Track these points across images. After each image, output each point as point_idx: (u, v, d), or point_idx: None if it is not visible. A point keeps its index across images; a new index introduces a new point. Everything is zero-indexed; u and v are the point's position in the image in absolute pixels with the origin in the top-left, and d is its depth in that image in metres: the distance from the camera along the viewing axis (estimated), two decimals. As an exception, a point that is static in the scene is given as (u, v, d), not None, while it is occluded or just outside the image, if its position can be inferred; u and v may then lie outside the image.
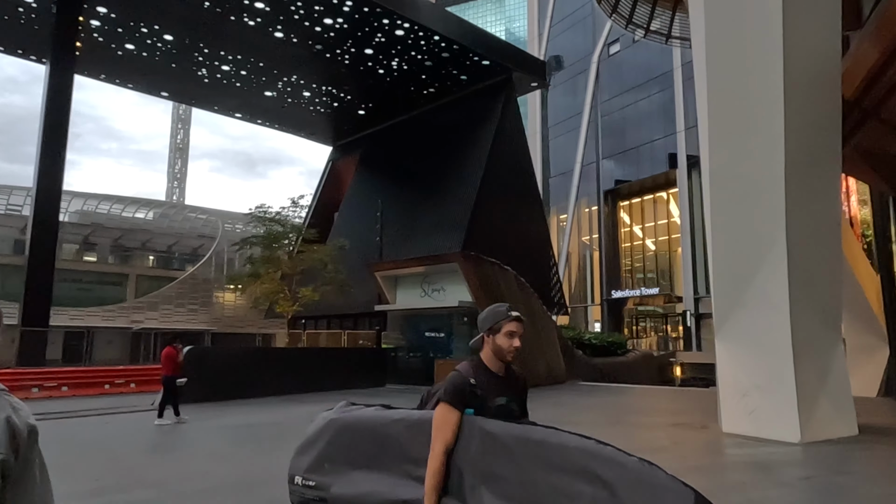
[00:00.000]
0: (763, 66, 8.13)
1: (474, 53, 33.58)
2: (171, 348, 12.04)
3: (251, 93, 39.05)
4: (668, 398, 16.34)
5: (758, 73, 8.24)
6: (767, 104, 8.12)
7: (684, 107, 40.20)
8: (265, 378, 16.42)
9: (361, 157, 43.68)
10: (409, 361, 18.83)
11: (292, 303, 21.24)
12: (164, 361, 11.96)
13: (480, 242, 30.78)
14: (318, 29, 31.64)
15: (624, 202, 46.65)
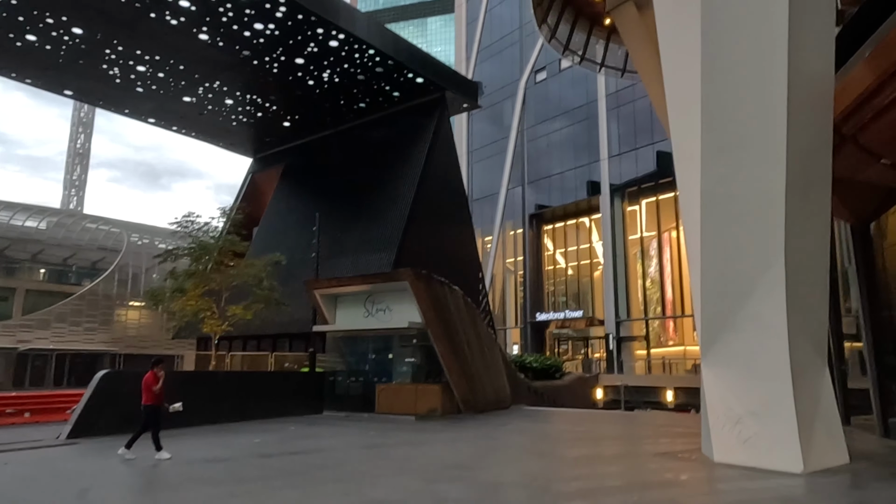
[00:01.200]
0: (765, 85, 7.97)
1: (409, 70, 33.10)
2: (151, 374, 10.52)
3: (168, 97, 36.57)
4: (623, 423, 16.13)
5: (759, 92, 8.08)
6: (768, 123, 7.97)
7: (608, 136, 41.54)
8: (193, 406, 14.69)
9: (285, 171, 41.95)
10: (350, 386, 17.64)
11: (221, 322, 19.48)
12: (143, 388, 10.47)
13: (412, 262, 30.00)
14: (247, 34, 30.07)
15: (548, 226, 47.44)
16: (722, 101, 8.61)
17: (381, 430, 13.20)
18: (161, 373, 10.51)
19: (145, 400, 10.39)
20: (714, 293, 9.01)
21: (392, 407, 16.66)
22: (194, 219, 20.25)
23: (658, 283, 39.62)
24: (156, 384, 10.39)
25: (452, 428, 13.99)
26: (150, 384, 10.38)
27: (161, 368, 10.58)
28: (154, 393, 10.38)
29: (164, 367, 10.72)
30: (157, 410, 10.45)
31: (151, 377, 10.43)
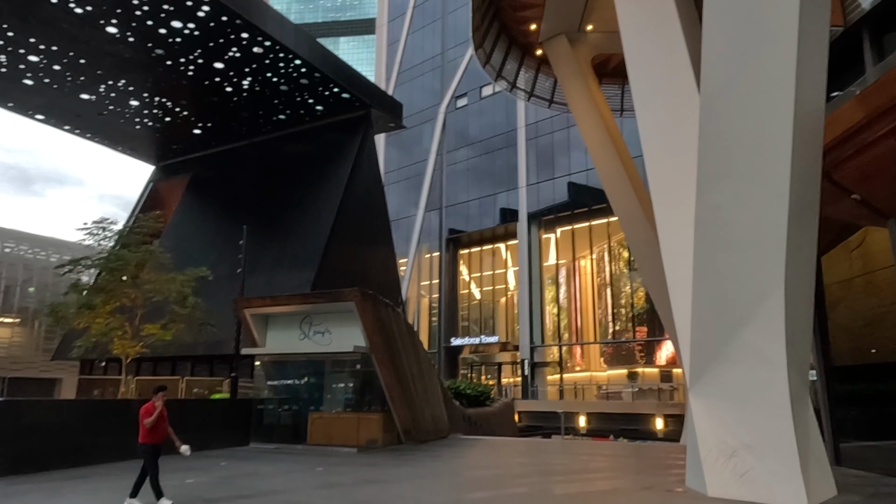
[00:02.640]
0: (771, 116, 7.99)
1: (335, 84, 32.08)
2: (150, 404, 8.65)
3: (63, 93, 33.23)
4: (570, 453, 15.84)
5: (764, 122, 8.08)
6: (772, 153, 7.97)
7: (526, 164, 42.36)
8: (100, 440, 12.83)
9: (192, 181, 39.27)
10: (281, 415, 16.18)
11: (135, 342, 17.27)
12: (140, 422, 8.65)
13: (332, 281, 28.77)
14: (162, 31, 27.96)
15: (464, 251, 47.49)
16: (722, 130, 8.54)
17: (327, 466, 12.02)
18: (159, 403, 8.66)
19: (140, 437, 8.62)
20: (705, 322, 8.86)
21: (326, 437, 15.43)
22: (107, 226, 18.07)
23: (569, 309, 40.56)
24: (148, 417, 8.53)
25: (405, 461, 13.07)
26: (143, 417, 8.58)
27: (161, 398, 8.75)
28: (146, 428, 8.57)
29: (164, 396, 8.87)
30: (154, 451, 8.62)
31: (149, 409, 8.63)
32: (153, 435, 8.62)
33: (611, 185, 26.23)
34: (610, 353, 39.90)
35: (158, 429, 8.69)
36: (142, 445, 8.60)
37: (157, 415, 8.59)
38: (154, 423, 8.57)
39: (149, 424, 8.54)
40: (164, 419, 8.73)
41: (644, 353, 38.68)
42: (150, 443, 8.61)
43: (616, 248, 39.46)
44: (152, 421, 8.56)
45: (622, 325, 38.97)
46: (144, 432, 8.58)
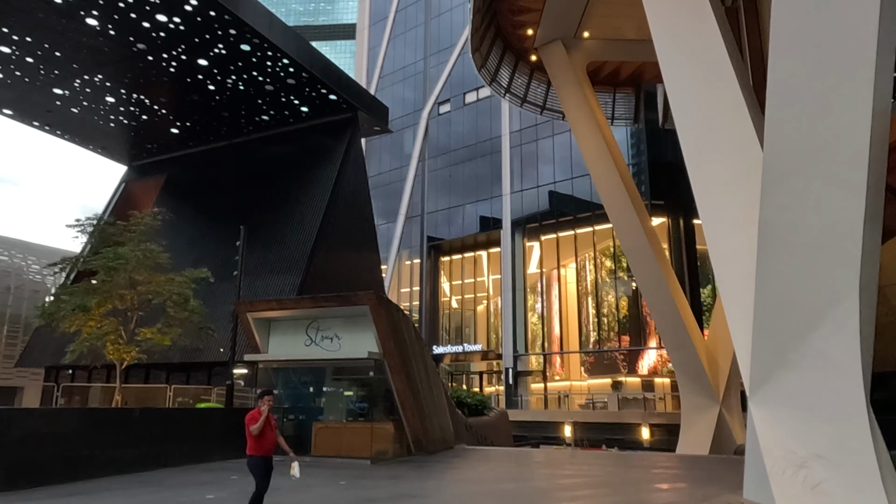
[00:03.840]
0: (850, 114, 7.72)
1: (323, 85, 31.30)
2: (255, 410, 7.57)
3: (34, 87, 31.66)
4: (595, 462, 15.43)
5: (842, 120, 7.81)
6: (850, 152, 7.72)
7: (510, 171, 42.18)
8: (96, 451, 11.87)
9: (167, 182, 37.85)
10: (283, 425, 15.35)
11: (130, 347, 16.14)
12: (246, 431, 7.54)
13: (318, 286, 27.94)
14: (146, 25, 26.83)
15: (445, 258, 47.00)
16: (791, 128, 8.25)
17: (348, 479, 11.33)
18: (265, 408, 7.51)
19: (248, 448, 7.55)
20: (768, 328, 8.53)
21: (332, 448, 14.70)
22: (106, 219, 16.95)
23: (552, 318, 40.44)
24: (254, 424, 7.40)
25: (427, 474, 12.48)
26: (249, 424, 7.49)
27: (267, 401, 7.58)
28: (254, 438, 7.43)
29: (271, 400, 7.67)
30: (263, 464, 7.52)
31: (254, 415, 7.51)
32: (261, 445, 7.51)
33: (606, 191, 26.17)
34: (592, 363, 39.85)
35: (267, 438, 7.56)
36: (250, 458, 7.56)
37: (264, 421, 7.46)
38: (261, 431, 7.44)
39: (255, 431, 7.41)
40: (271, 427, 7.64)
41: (626, 363, 38.75)
42: (259, 455, 7.51)
43: (600, 256, 39.51)
44: (259, 427, 7.39)
45: (605, 334, 38.98)
46: (252, 443, 7.51)
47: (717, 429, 24.08)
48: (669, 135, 36.02)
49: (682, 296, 25.84)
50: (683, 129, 11.33)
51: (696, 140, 11.06)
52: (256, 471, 7.50)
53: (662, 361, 37.82)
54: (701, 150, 10.94)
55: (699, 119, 11.24)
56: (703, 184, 10.64)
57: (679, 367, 25.17)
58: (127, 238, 17.34)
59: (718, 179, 10.43)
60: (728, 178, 10.37)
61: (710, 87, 11.40)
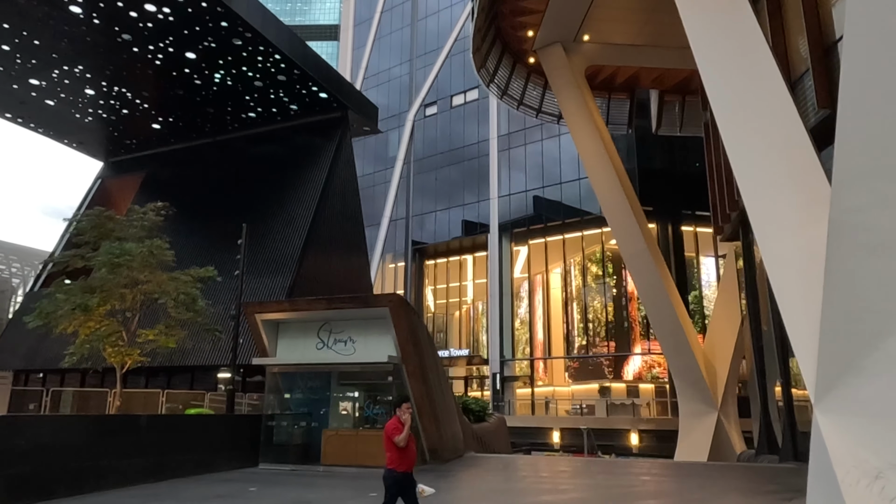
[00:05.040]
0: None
1: (315, 83, 30.57)
2: (395, 419, 6.52)
3: (8, 76, 30.23)
4: (611, 470, 15.05)
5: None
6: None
7: (498, 175, 41.91)
8: (103, 462, 11.00)
9: (146, 180, 36.50)
10: (293, 433, 14.61)
11: (132, 349, 15.13)
12: (386, 443, 6.50)
13: (308, 288, 27.19)
14: (133, 14, 25.82)
15: (430, 262, 46.45)
16: (867, 127, 7.96)
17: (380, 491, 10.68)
18: (406, 416, 6.50)
19: (388, 461, 6.50)
20: (838, 332, 8.23)
21: (344, 457, 14.00)
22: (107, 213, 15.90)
23: (538, 323, 40.25)
24: (398, 434, 6.39)
25: (456, 484, 11.92)
26: (392, 435, 6.43)
27: (407, 409, 6.59)
28: (397, 450, 6.41)
29: (410, 408, 6.73)
30: (405, 480, 6.45)
31: (395, 425, 6.47)
32: (406, 459, 6.46)
33: (605, 195, 26.01)
34: (576, 368, 39.72)
35: (411, 451, 6.57)
36: (389, 473, 6.44)
37: (407, 432, 6.48)
38: (405, 443, 6.46)
39: (401, 443, 6.40)
40: (411, 441, 6.62)
41: (612, 368, 38.72)
42: (402, 471, 6.42)
43: (587, 262, 39.47)
44: (404, 439, 6.40)
45: (591, 340, 38.91)
46: (395, 456, 6.42)
47: (714, 435, 24.02)
48: (658, 141, 36.24)
49: (680, 301, 25.82)
50: (727, 129, 11.05)
51: (741, 141, 10.80)
52: (394, 488, 6.45)
53: (647, 367, 37.93)
54: (747, 151, 10.68)
55: (744, 119, 10.99)
56: (753, 186, 10.36)
57: (677, 374, 25.08)
58: (130, 233, 16.39)
59: (769, 181, 10.16)
60: (780, 179, 10.12)
61: (754, 85, 11.17)
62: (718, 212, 21.07)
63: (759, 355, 19.48)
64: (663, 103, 32.03)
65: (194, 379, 27.46)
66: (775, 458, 17.78)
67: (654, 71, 29.59)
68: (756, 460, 19.20)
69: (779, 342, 17.50)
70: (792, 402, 17.06)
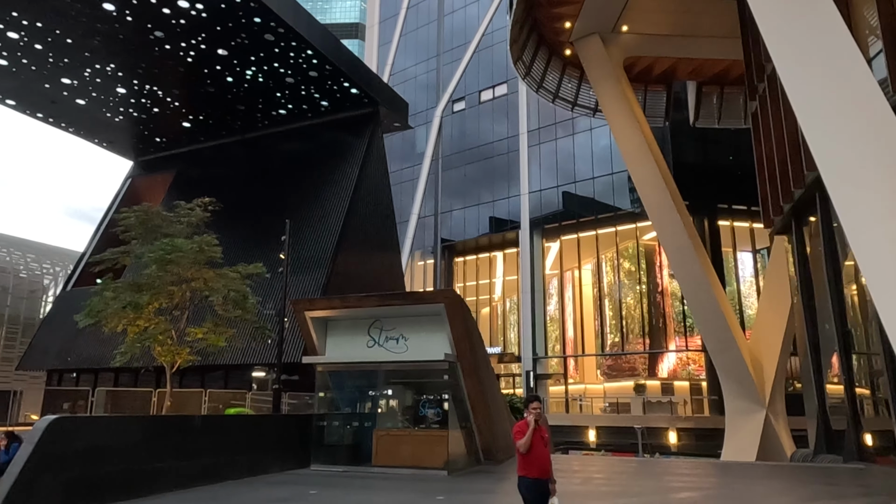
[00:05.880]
0: None
1: (346, 78, 30.22)
2: (523, 422, 5.94)
3: (40, 76, 30.26)
4: (668, 470, 14.49)
5: None
6: None
7: (528, 171, 41.31)
8: (155, 463, 10.68)
9: (177, 178, 36.47)
10: (344, 433, 14.25)
11: (181, 348, 14.89)
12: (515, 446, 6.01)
13: (341, 285, 26.87)
14: (166, 11, 25.64)
15: (459, 259, 46.00)
16: None
17: (446, 494, 10.27)
18: (531, 417, 5.90)
19: (518, 468, 5.98)
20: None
21: (396, 458, 13.59)
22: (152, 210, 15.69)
23: (572, 320, 39.64)
24: (520, 437, 5.87)
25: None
26: (516, 439, 5.99)
27: (533, 409, 5.96)
28: (522, 457, 5.91)
29: (538, 408, 5.99)
30: (534, 488, 5.90)
31: (520, 427, 5.96)
32: (531, 464, 5.93)
33: (646, 189, 25.34)
34: (610, 365, 39.05)
35: (538, 456, 5.94)
36: (520, 480, 5.97)
37: (532, 434, 5.89)
38: (529, 447, 5.91)
39: (522, 448, 5.92)
40: (543, 442, 6.01)
41: (646, 366, 37.99)
42: (531, 476, 5.91)
43: (620, 258, 38.75)
44: (526, 443, 5.88)
45: (625, 337, 38.20)
46: (520, 461, 5.99)
47: (762, 434, 23.25)
48: (692, 135, 35.38)
49: (724, 297, 25.10)
50: (806, 116, 10.43)
51: (824, 130, 10.16)
52: (528, 495, 5.94)
53: (682, 364, 37.15)
54: (831, 140, 10.03)
55: (826, 106, 10.32)
56: (838, 177, 9.76)
57: (722, 371, 24.35)
58: (176, 230, 16.16)
59: (854, 170, 9.56)
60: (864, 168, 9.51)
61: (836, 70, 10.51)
62: (770, 204, 20.28)
63: (815, 352, 18.72)
64: (701, 95, 31.25)
65: (228, 378, 27.31)
66: (837, 457, 17.05)
67: (692, 62, 28.86)
68: (814, 460, 18.47)
69: (840, 339, 16.78)
70: (856, 401, 16.33)
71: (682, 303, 37.32)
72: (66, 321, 31.11)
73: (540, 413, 6.03)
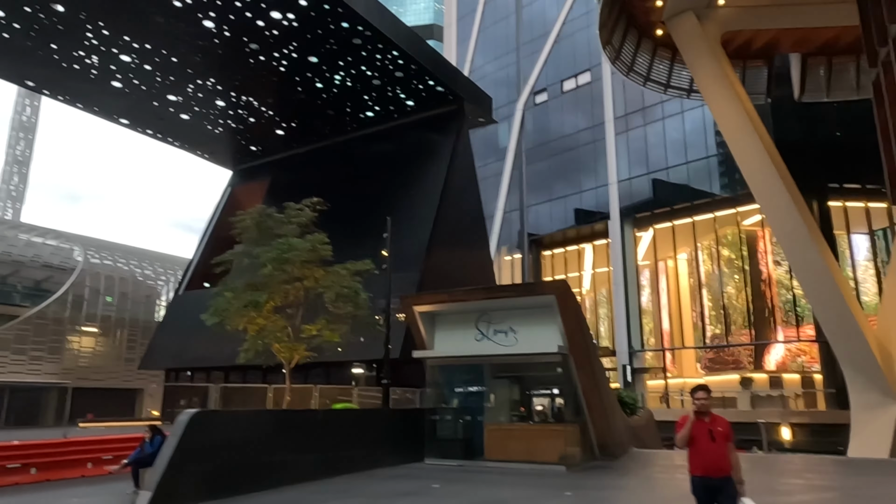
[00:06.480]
0: None
1: (431, 76, 30.43)
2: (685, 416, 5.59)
3: (149, 95, 32.30)
4: (819, 469, 13.64)
5: None
6: None
7: (616, 160, 40.15)
8: (279, 457, 11.07)
9: (272, 185, 37.97)
10: (456, 427, 14.33)
11: (298, 344, 15.60)
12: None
13: (434, 283, 27.04)
14: (260, 23, 26.73)
15: (546, 252, 45.39)
16: None
17: (574, 490, 10.07)
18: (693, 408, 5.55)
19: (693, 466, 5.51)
20: None
21: (508, 452, 13.50)
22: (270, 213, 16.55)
23: (667, 311, 38.22)
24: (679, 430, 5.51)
25: (656, 482, 11.10)
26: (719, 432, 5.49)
27: (697, 399, 5.54)
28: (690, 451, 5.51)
29: (702, 398, 5.57)
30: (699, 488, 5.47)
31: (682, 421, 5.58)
32: (694, 461, 5.47)
33: (751, 171, 23.98)
34: (710, 358, 37.35)
35: (701, 452, 5.44)
36: (691, 479, 5.54)
37: (692, 427, 5.47)
38: (687, 441, 5.50)
39: (679, 443, 5.53)
40: (710, 437, 5.41)
41: (751, 358, 36.05)
42: (698, 474, 5.44)
43: (719, 245, 36.97)
44: (683, 437, 5.47)
45: (727, 328, 36.40)
46: (688, 457, 5.55)
47: (896, 429, 21.46)
48: (797, 111, 33.17)
49: (845, 281, 23.40)
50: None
51: None
52: (694, 495, 5.50)
53: (792, 356, 34.98)
54: None
55: None
56: None
57: (846, 361, 22.69)
58: (287, 230, 16.84)
59: None
60: None
61: None
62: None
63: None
64: (806, 67, 29.26)
65: (329, 374, 28.14)
66: None
67: (795, 32, 27.02)
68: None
69: None
70: None
71: (790, 290, 35.16)
72: (180, 323, 33.20)
73: (704, 404, 5.55)
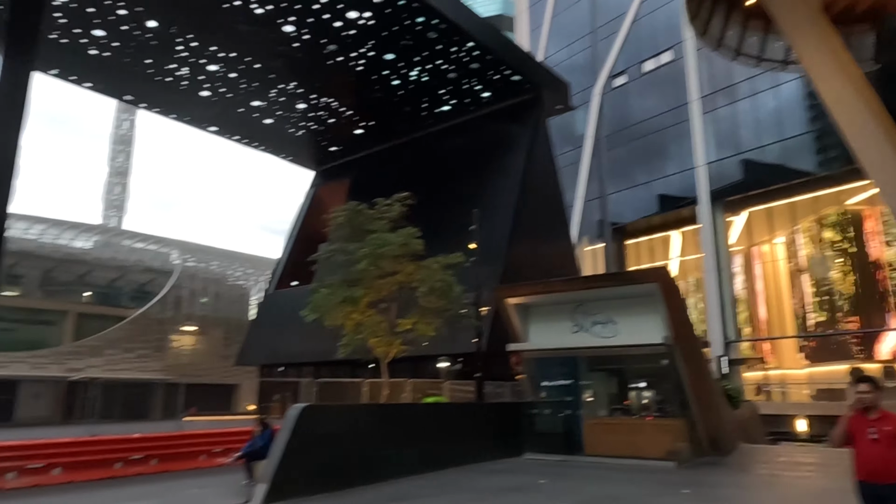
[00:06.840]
0: None
1: (507, 66, 29.96)
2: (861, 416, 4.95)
3: (235, 101, 33.52)
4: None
5: None
6: None
7: (704, 141, 38.24)
8: (384, 451, 11.11)
9: (353, 184, 38.61)
10: (555, 421, 13.99)
11: (394, 339, 15.83)
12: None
13: (517, 275, 26.61)
14: (337, 24, 27.10)
15: (630, 241, 43.98)
16: None
17: (692, 488, 9.55)
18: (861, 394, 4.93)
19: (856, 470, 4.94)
20: None
21: (611, 448, 13.03)
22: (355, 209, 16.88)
23: (764, 298, 36.15)
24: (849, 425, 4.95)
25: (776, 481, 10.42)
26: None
27: (860, 392, 4.97)
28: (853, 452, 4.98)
29: (864, 391, 4.96)
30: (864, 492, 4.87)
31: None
32: (857, 463, 4.92)
33: (862, 143, 22.08)
34: (813, 348, 35.05)
35: (864, 453, 4.86)
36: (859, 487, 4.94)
37: (849, 424, 4.95)
38: (843, 440, 4.99)
39: (833, 441, 5.13)
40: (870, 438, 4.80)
41: (861, 347, 33.55)
42: (861, 479, 4.89)
43: (821, 227, 34.59)
44: (838, 435, 4.98)
45: (831, 315, 34.05)
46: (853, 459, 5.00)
47: None
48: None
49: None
50: None
51: None
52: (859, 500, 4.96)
53: (909, 344, 32.29)
54: None
55: None
56: None
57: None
58: (378, 226, 17.03)
59: None
60: None
61: None
62: None
63: None
64: (920, 27, 26.74)
65: (416, 368, 28.35)
66: None
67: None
68: None
69: None
70: None
71: (904, 273, 32.48)
72: (271, 321, 34.43)
73: (868, 398, 4.88)
